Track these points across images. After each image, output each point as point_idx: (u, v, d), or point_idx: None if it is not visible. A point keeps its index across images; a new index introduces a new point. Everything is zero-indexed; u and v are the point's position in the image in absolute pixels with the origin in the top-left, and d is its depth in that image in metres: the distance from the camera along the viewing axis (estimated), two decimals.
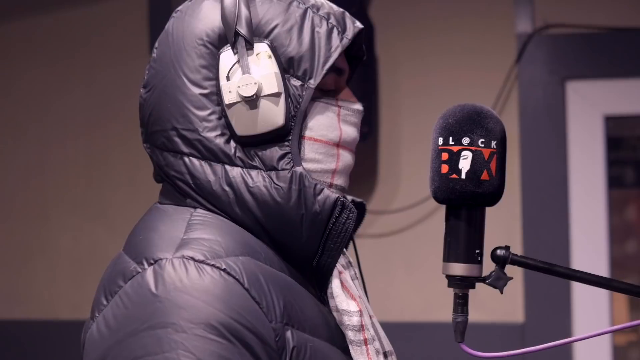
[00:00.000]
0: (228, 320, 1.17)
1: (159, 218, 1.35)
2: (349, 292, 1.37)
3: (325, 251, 1.32)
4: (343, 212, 1.32)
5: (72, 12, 3.58)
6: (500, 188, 1.22)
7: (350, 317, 1.34)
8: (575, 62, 3.19)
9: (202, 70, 1.33)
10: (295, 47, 1.32)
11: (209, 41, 1.33)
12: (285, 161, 1.30)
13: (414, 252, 3.24)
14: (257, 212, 1.29)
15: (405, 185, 3.27)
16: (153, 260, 1.23)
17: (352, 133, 1.40)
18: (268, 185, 1.29)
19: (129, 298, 1.21)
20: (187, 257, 1.22)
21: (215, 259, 1.22)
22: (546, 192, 3.17)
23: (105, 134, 3.53)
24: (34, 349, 3.57)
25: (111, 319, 1.21)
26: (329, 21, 1.35)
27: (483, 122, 1.22)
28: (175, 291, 1.18)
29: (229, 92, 1.29)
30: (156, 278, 1.20)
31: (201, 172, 1.31)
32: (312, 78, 1.32)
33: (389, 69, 3.26)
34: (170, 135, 1.34)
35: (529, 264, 1.25)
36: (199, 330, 1.16)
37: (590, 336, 1.27)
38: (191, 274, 1.20)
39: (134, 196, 3.45)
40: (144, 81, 1.40)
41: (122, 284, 1.23)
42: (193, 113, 1.32)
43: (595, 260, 3.16)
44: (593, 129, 3.19)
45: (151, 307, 1.18)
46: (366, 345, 1.35)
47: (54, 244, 3.58)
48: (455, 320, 1.25)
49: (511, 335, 3.14)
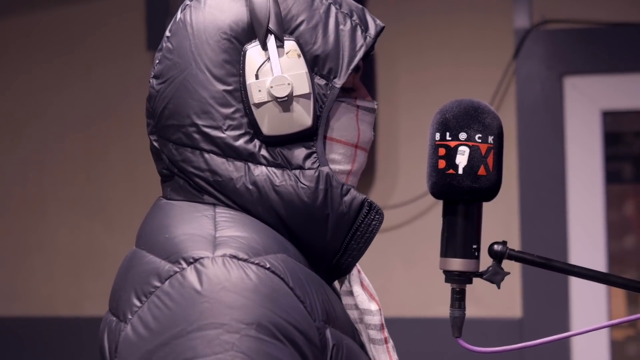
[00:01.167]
0: (279, 320, 1.14)
1: (176, 215, 1.30)
2: (368, 292, 1.37)
3: (348, 251, 1.31)
4: (369, 214, 1.30)
5: (70, 9, 3.58)
6: (497, 183, 1.22)
7: (372, 316, 1.34)
8: (573, 57, 3.20)
9: (226, 66, 1.29)
10: (320, 45, 1.30)
11: (233, 35, 1.29)
12: (312, 160, 1.28)
13: (412, 248, 3.24)
14: (282, 211, 1.27)
15: (403, 180, 3.27)
16: (192, 259, 1.18)
17: (368, 133, 1.38)
18: (294, 184, 1.27)
19: (170, 298, 1.16)
20: (229, 255, 1.18)
21: (257, 257, 1.19)
22: (544, 187, 3.18)
23: (103, 131, 3.53)
24: (32, 346, 3.57)
25: (151, 320, 1.16)
26: (352, 19, 1.33)
27: (480, 118, 1.22)
28: (223, 291, 1.14)
29: (259, 91, 1.26)
30: (200, 277, 1.16)
31: (223, 170, 1.28)
32: (337, 77, 1.30)
33: (386, 64, 3.26)
34: (189, 131, 1.30)
35: (526, 259, 1.25)
36: (251, 331, 1.12)
37: (588, 331, 1.27)
38: (237, 272, 1.16)
39: (132, 192, 3.45)
40: (154, 71, 1.35)
41: (158, 284, 1.18)
42: (216, 110, 1.28)
43: (593, 255, 3.16)
44: (591, 124, 3.19)
45: (199, 308, 1.14)
46: (386, 343, 1.35)
47: (52, 240, 3.58)
48: (452, 315, 1.25)
49: (509, 330, 3.14)
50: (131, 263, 1.27)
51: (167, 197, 1.35)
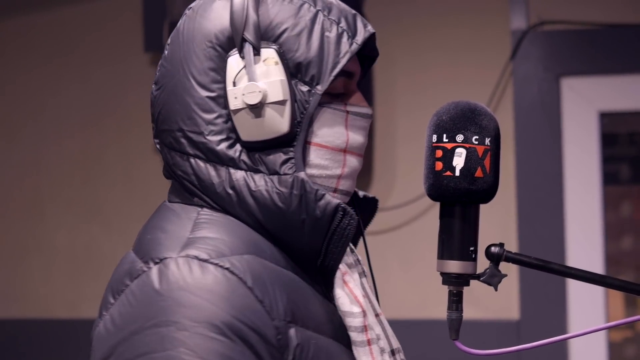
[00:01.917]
0: (230, 319, 1.18)
1: (167, 217, 1.35)
2: (352, 293, 1.37)
3: (328, 254, 1.32)
4: (344, 218, 1.31)
5: (67, 11, 3.58)
6: (494, 185, 1.22)
7: (352, 318, 1.34)
8: (570, 58, 3.20)
9: (211, 73, 1.32)
10: (303, 52, 1.31)
11: (218, 43, 1.33)
12: (288, 166, 1.30)
13: (409, 250, 3.24)
14: (259, 215, 1.30)
15: (401, 182, 3.27)
16: (158, 259, 1.24)
17: (359, 138, 1.39)
18: (270, 189, 1.29)
19: (134, 296, 1.22)
20: (191, 256, 1.23)
21: (219, 258, 1.23)
22: (541, 189, 3.18)
23: (100, 132, 3.53)
24: (30, 348, 3.57)
25: (117, 317, 1.22)
26: (340, 25, 1.34)
27: (477, 119, 1.22)
28: (179, 290, 1.19)
29: (235, 98, 1.29)
30: (160, 277, 1.21)
31: (206, 174, 1.32)
32: (319, 84, 1.31)
33: (384, 65, 3.26)
34: (177, 136, 1.34)
35: (523, 261, 1.25)
36: (201, 329, 1.16)
37: (586, 333, 1.28)
38: (195, 272, 1.21)
39: (129, 194, 3.45)
40: (155, 77, 1.40)
41: (129, 282, 1.24)
42: (199, 116, 1.32)
43: (591, 257, 3.16)
44: (588, 125, 3.19)
45: (155, 306, 1.19)
46: (369, 345, 1.35)
47: (50, 242, 3.58)
48: (449, 317, 1.25)
49: (507, 332, 3.14)
50: (120, 263, 1.33)
51: (168, 199, 1.40)
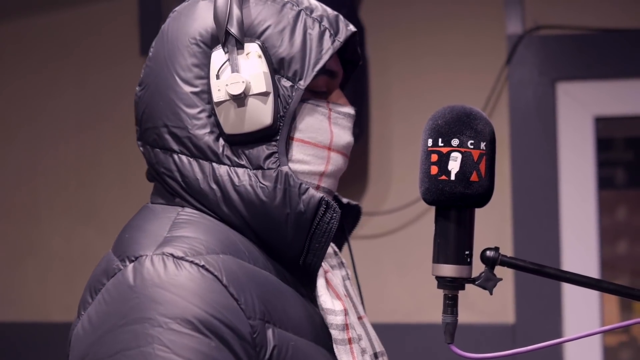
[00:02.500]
0: (204, 315, 1.18)
1: (146, 217, 1.36)
2: (334, 291, 1.38)
3: (311, 251, 1.33)
4: (327, 212, 1.32)
5: (62, 14, 3.58)
6: (489, 189, 1.22)
7: (334, 315, 1.35)
8: (565, 63, 3.20)
9: (194, 69, 1.34)
10: (286, 48, 1.33)
11: (201, 40, 1.34)
12: (272, 160, 1.31)
13: (405, 254, 3.24)
14: (243, 211, 1.31)
15: (396, 186, 3.27)
16: (134, 257, 1.24)
17: (344, 136, 1.40)
18: (254, 184, 1.30)
19: (109, 295, 1.23)
20: (166, 253, 1.23)
21: (194, 256, 1.24)
22: (536, 193, 3.18)
23: (96, 136, 3.53)
24: (25, 351, 3.56)
25: (94, 316, 1.24)
26: (322, 23, 1.36)
27: (472, 124, 1.22)
28: (153, 287, 1.20)
29: (218, 90, 1.30)
30: (135, 274, 1.22)
31: (189, 170, 1.33)
32: (302, 79, 1.33)
33: (379, 70, 3.26)
34: (161, 132, 1.35)
35: (518, 265, 1.25)
36: (174, 325, 1.17)
37: (581, 337, 1.27)
38: (169, 270, 1.21)
39: (125, 198, 3.45)
40: (139, 79, 1.42)
41: (105, 281, 1.25)
42: (183, 111, 1.33)
43: (586, 261, 3.16)
44: (583, 130, 3.20)
45: (129, 303, 1.20)
46: (350, 344, 1.36)
47: (46, 245, 3.57)
48: (444, 321, 1.25)
49: (502, 336, 3.14)
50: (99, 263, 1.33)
51: (150, 201, 1.42)
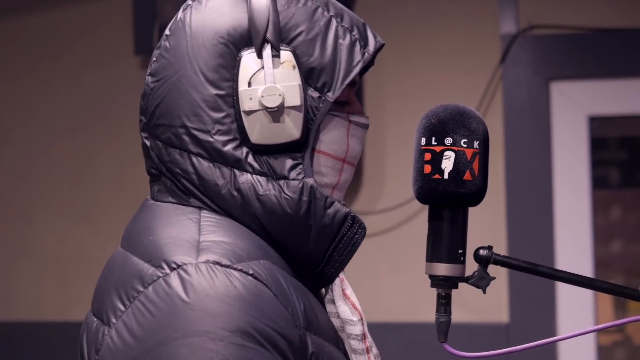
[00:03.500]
0: (262, 326, 1.14)
1: (162, 217, 1.30)
2: (350, 300, 1.37)
3: (330, 262, 1.31)
4: (352, 227, 1.30)
5: (57, 14, 3.58)
6: (482, 188, 1.22)
7: (353, 326, 1.34)
8: (559, 62, 3.21)
9: (221, 70, 1.28)
10: (317, 58, 1.29)
11: (230, 40, 1.28)
12: (297, 172, 1.27)
13: (399, 253, 3.24)
14: (264, 220, 1.27)
15: (390, 186, 3.27)
16: (175, 264, 1.18)
17: (357, 148, 1.38)
18: (278, 194, 1.26)
19: (154, 305, 1.15)
20: (212, 261, 1.18)
21: (240, 263, 1.19)
22: (530, 193, 3.18)
23: (90, 136, 3.53)
24: (19, 351, 3.56)
25: (135, 326, 1.15)
26: (352, 33, 1.32)
27: (466, 122, 1.22)
28: (208, 298, 1.14)
29: (250, 99, 1.25)
30: (184, 284, 1.15)
31: (209, 174, 1.28)
32: (330, 91, 1.29)
33: (373, 70, 3.24)
34: (179, 132, 1.29)
35: (511, 264, 1.25)
36: (235, 338, 1.12)
37: (575, 335, 1.27)
38: (220, 279, 1.16)
39: (119, 198, 3.44)
40: (150, 69, 1.34)
41: (141, 288, 1.18)
42: (207, 114, 1.28)
43: (580, 261, 3.17)
44: (577, 129, 3.20)
45: (183, 315, 1.13)
46: (368, 353, 1.35)
47: (40, 245, 3.57)
48: (438, 320, 1.25)
49: (496, 335, 3.15)
50: (115, 265, 1.27)
51: (154, 198, 1.35)
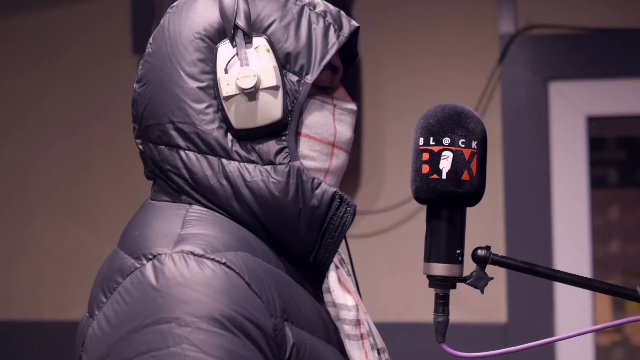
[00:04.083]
0: (231, 313, 1.17)
1: (153, 214, 1.33)
2: (345, 287, 1.38)
3: (323, 246, 1.33)
4: (341, 206, 1.32)
5: (55, 13, 3.57)
6: (480, 188, 1.23)
7: (347, 311, 1.35)
8: (558, 62, 3.21)
9: (199, 64, 1.32)
10: (292, 42, 1.32)
11: (206, 35, 1.33)
12: (283, 155, 1.30)
13: (397, 252, 3.24)
14: (255, 207, 1.29)
15: (389, 185, 3.27)
16: (151, 255, 1.22)
17: (346, 133, 1.40)
18: (265, 179, 1.29)
19: (129, 294, 1.20)
20: (186, 251, 1.21)
21: (214, 253, 1.22)
22: (529, 192, 3.18)
23: (89, 135, 3.53)
24: (17, 350, 3.56)
25: (112, 315, 1.20)
26: (326, 19, 1.36)
27: (464, 123, 1.22)
28: (177, 285, 1.17)
29: (227, 84, 1.29)
30: (156, 273, 1.19)
31: (198, 167, 1.31)
32: (309, 74, 1.32)
33: (372, 69, 3.26)
34: (166, 128, 1.33)
35: (509, 264, 1.25)
36: (202, 324, 1.15)
37: (573, 335, 1.28)
38: (192, 268, 1.19)
39: (117, 197, 3.45)
40: (137, 76, 1.39)
41: (121, 280, 1.22)
42: (190, 106, 1.31)
43: (578, 261, 3.17)
44: (575, 129, 3.20)
45: (153, 303, 1.17)
46: (362, 339, 1.36)
47: (38, 244, 3.57)
48: (436, 320, 1.25)
49: (494, 335, 3.15)
50: (105, 261, 1.31)
51: (152, 198, 1.39)
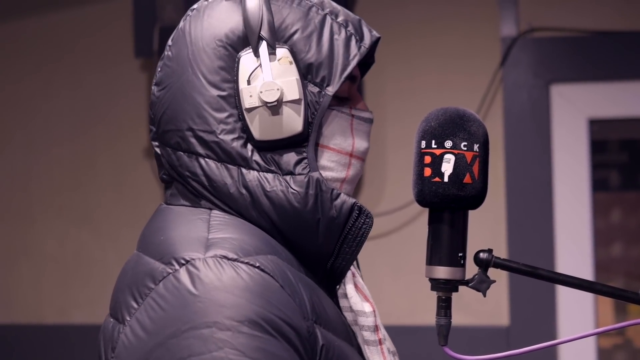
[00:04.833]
0: (269, 315, 1.17)
1: (175, 219, 1.33)
2: (362, 294, 1.39)
3: (340, 255, 1.33)
4: (360, 217, 1.32)
5: (57, 16, 3.58)
6: (482, 191, 1.23)
7: (365, 317, 1.36)
8: (559, 65, 3.21)
9: (221, 72, 1.32)
10: (314, 53, 1.32)
11: (228, 43, 1.32)
12: (302, 166, 1.30)
13: (399, 255, 3.24)
14: (274, 216, 1.30)
15: (391, 188, 3.27)
16: (184, 260, 1.22)
17: (364, 143, 1.43)
18: (285, 189, 1.29)
19: (164, 300, 1.20)
20: (219, 255, 1.21)
21: (247, 257, 1.22)
22: (531, 195, 3.18)
23: (91, 138, 3.53)
24: (19, 354, 3.56)
25: (147, 322, 1.20)
26: (347, 29, 1.36)
27: (465, 125, 1.22)
28: (215, 290, 1.17)
29: (250, 96, 1.28)
30: (192, 278, 1.19)
31: (217, 175, 1.31)
32: (330, 85, 1.32)
33: (373, 71, 3.24)
34: (185, 135, 1.33)
35: (511, 266, 1.25)
36: (243, 328, 1.15)
37: (575, 338, 1.27)
38: (228, 272, 1.19)
39: (119, 200, 3.45)
40: (156, 79, 1.38)
41: (152, 285, 1.22)
42: (211, 114, 1.31)
43: (580, 263, 3.17)
44: (577, 132, 3.20)
45: (192, 308, 1.17)
46: (381, 345, 1.37)
47: (40, 248, 3.57)
48: (438, 323, 1.25)
49: (496, 338, 3.15)
50: (129, 266, 1.31)
51: (167, 202, 1.39)
